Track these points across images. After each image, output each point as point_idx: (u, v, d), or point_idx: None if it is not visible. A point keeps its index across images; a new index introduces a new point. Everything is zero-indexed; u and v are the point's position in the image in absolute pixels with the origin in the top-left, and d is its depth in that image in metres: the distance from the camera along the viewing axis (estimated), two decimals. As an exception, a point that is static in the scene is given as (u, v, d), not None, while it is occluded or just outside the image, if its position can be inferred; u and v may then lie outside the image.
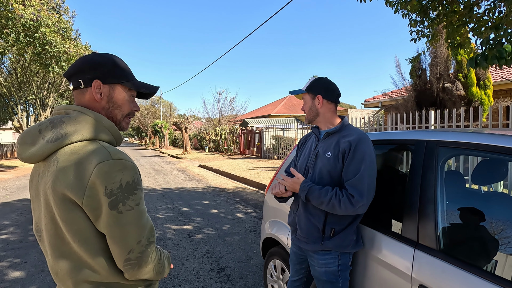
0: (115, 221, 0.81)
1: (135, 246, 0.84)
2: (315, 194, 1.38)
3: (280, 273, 2.19)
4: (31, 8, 9.83)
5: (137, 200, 0.84)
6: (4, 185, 9.32)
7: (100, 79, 0.90)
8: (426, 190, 1.32)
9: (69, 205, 0.81)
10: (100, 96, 0.91)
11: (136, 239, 0.84)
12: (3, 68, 17.74)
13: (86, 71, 0.90)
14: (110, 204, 0.80)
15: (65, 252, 0.86)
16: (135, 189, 0.84)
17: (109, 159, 0.81)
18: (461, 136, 1.31)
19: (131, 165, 0.85)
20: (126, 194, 0.82)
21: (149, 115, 43.92)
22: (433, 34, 4.67)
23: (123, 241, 0.83)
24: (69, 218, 0.82)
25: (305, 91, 1.54)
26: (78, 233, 0.83)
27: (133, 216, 0.83)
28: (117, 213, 0.81)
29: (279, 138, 14.50)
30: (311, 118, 1.56)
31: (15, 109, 18.59)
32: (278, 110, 27.94)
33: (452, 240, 1.29)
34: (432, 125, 6.00)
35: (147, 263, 0.87)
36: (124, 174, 0.82)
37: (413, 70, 7.33)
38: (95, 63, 0.90)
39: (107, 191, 0.79)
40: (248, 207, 5.73)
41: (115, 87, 0.93)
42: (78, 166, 0.80)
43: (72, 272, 0.86)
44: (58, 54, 11.31)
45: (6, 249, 3.83)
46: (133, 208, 0.83)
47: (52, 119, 0.87)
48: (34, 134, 0.86)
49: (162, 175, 10.63)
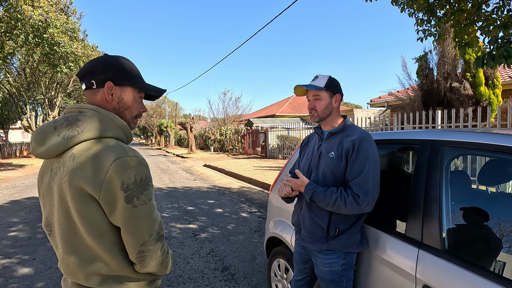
0: (130, 214, 0.86)
1: (148, 238, 0.89)
2: (320, 197, 1.38)
3: (284, 272, 2.19)
4: (39, 9, 9.99)
5: (150, 195, 0.89)
6: (13, 183, 9.50)
7: (112, 80, 0.94)
8: (430, 190, 1.32)
9: (86, 199, 0.84)
10: (112, 97, 0.95)
11: (148, 232, 0.89)
12: (13, 69, 18.06)
13: (98, 72, 0.93)
14: (126, 198, 0.84)
15: (77, 245, 0.89)
16: (147, 185, 0.89)
17: (124, 155, 0.86)
18: (466, 136, 1.30)
19: (144, 162, 0.90)
20: (140, 189, 0.86)
21: (155, 115, 44.25)
22: (440, 33, 4.63)
23: (136, 234, 0.87)
24: (85, 211, 0.85)
25: (324, 88, 1.48)
26: (93, 226, 0.86)
27: (146, 210, 0.88)
28: (132, 207, 0.85)
29: (284, 138, 14.49)
30: (324, 116, 1.51)
31: (24, 109, 18.92)
32: (283, 110, 27.89)
33: (457, 241, 1.28)
34: (439, 125, 5.93)
35: (157, 256, 0.92)
36: (138, 170, 0.87)
37: (420, 69, 7.25)
38: (108, 65, 0.94)
39: (124, 185, 0.84)
40: (253, 207, 5.74)
41: (126, 89, 0.96)
42: (95, 162, 0.84)
43: (84, 265, 0.89)
44: (66, 54, 11.47)
45: (15, 246, 3.90)
46: (146, 202, 0.88)
47: (67, 117, 0.91)
48: (49, 130, 0.89)
49: (168, 174, 10.71)
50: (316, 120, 1.54)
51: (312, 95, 1.52)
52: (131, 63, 1.00)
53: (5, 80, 17.05)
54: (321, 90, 1.49)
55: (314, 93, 1.51)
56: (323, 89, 1.48)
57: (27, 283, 2.94)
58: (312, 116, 1.53)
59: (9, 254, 3.65)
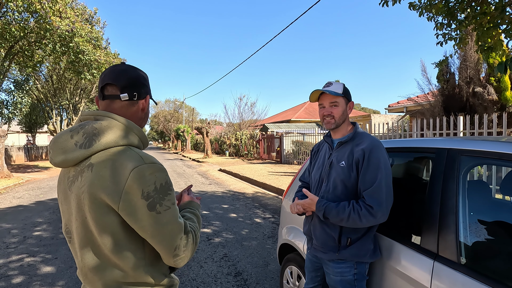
0: (156, 221, 0.85)
1: (179, 242, 0.89)
2: (333, 213, 1.35)
3: (297, 280, 2.17)
4: (67, 20, 10.56)
5: (172, 199, 0.89)
6: (39, 185, 9.97)
7: (149, 93, 1.02)
8: (447, 201, 1.28)
9: (105, 210, 0.84)
10: (143, 110, 1.01)
11: (178, 236, 0.89)
12: (41, 76, 19.08)
13: (139, 86, 0.98)
14: (149, 206, 0.84)
15: (95, 254, 0.90)
16: (168, 189, 0.89)
17: (142, 163, 0.86)
18: (485, 145, 1.26)
19: (162, 167, 0.90)
20: (161, 196, 0.86)
21: (172, 120, 45.22)
22: (461, 36, 4.49)
23: (167, 240, 0.87)
24: (103, 222, 0.85)
25: (342, 94, 1.47)
26: (111, 236, 0.87)
27: (171, 214, 0.88)
28: (156, 214, 0.85)
29: (299, 143, 14.39)
30: (339, 122, 1.49)
31: (51, 114, 19.90)
32: (298, 115, 27.75)
33: (476, 254, 1.24)
34: (461, 131, 5.71)
35: (193, 250, 0.95)
36: (157, 176, 0.87)
37: (441, 74, 7.03)
38: (143, 78, 1.00)
39: (144, 194, 0.84)
40: (267, 212, 5.73)
41: (147, 99, 1.02)
42: (113, 172, 0.84)
43: (101, 273, 0.90)
44: (90, 62, 12.02)
45: (39, 245, 4.09)
46: (169, 207, 0.88)
47: (82, 125, 0.90)
48: (66, 139, 0.89)
49: (184, 178, 10.88)
50: (332, 128, 1.50)
51: (329, 101, 1.47)
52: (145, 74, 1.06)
53: (34, 87, 18.03)
54: (339, 96, 1.47)
55: (331, 100, 1.47)
56: (341, 95, 1.47)
57: (49, 281, 3.07)
58: (328, 123, 1.49)
59: (33, 252, 3.83)
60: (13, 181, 10.45)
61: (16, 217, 5.65)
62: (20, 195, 8.18)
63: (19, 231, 4.75)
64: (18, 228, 4.91)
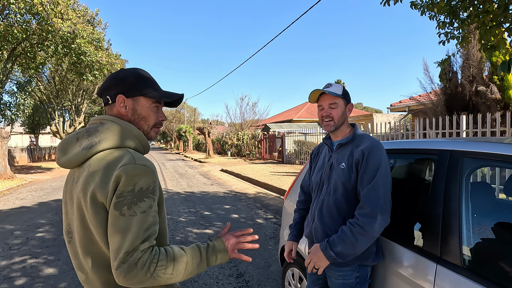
0: (116, 222, 0.82)
1: (122, 255, 0.80)
2: (338, 243, 1.30)
3: (298, 282, 2.16)
4: (68, 22, 10.60)
5: (144, 207, 0.84)
6: (41, 186, 10.02)
7: (124, 93, 0.96)
8: (449, 203, 1.26)
9: (98, 207, 0.85)
10: (125, 110, 0.97)
11: (125, 248, 0.80)
12: (43, 77, 19.19)
13: (112, 88, 0.97)
14: (115, 205, 0.82)
15: (93, 253, 0.90)
16: (146, 196, 0.85)
17: (132, 163, 0.86)
18: (487, 147, 1.24)
19: (151, 172, 0.88)
20: (135, 199, 0.83)
21: (174, 120, 45.31)
22: (464, 35, 4.45)
23: (116, 244, 0.81)
24: (97, 219, 0.86)
25: (342, 95, 1.45)
26: (104, 234, 0.86)
27: (133, 222, 0.82)
28: (119, 215, 0.82)
29: (301, 143, 14.37)
30: (339, 124, 1.47)
31: (53, 115, 20.01)
32: (300, 115, 27.72)
33: (480, 257, 1.22)
34: (464, 130, 5.67)
35: (131, 274, 0.80)
36: (141, 179, 0.85)
37: (443, 73, 6.99)
38: (119, 79, 0.97)
39: (118, 192, 0.83)
40: (269, 213, 5.72)
41: (138, 100, 0.97)
42: (105, 170, 0.86)
43: (100, 273, 0.90)
44: (92, 63, 12.06)
45: (42, 247, 4.10)
46: (136, 214, 0.82)
47: (88, 128, 0.95)
48: (72, 141, 0.94)
49: (186, 179, 10.90)
50: (331, 129, 1.48)
51: (329, 102, 1.45)
52: (144, 73, 1.00)
53: (36, 88, 18.13)
54: (338, 97, 1.45)
55: (330, 101, 1.45)
56: (340, 96, 1.45)
57: (51, 283, 3.07)
58: (327, 125, 1.47)
59: (36, 254, 3.84)
60: (16, 182, 10.50)
61: (19, 219, 5.68)
62: (23, 196, 8.22)
63: (22, 233, 4.77)
64: (21, 230, 4.93)
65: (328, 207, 1.44)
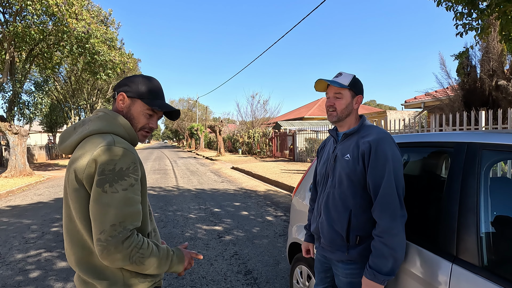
0: (98, 198, 0.87)
1: (108, 228, 0.86)
2: (379, 262, 1.23)
3: (306, 280, 2.11)
4: (83, 22, 10.83)
5: (125, 185, 0.90)
6: (58, 182, 10.32)
7: (126, 92, 1.07)
8: (466, 199, 1.18)
9: (77, 185, 0.92)
10: (122, 106, 1.07)
11: (110, 222, 0.86)
12: (60, 77, 19.75)
13: (122, 86, 1.09)
14: (97, 182, 0.88)
15: (71, 230, 0.97)
16: (127, 175, 0.91)
17: (112, 145, 0.92)
18: (508, 138, 1.15)
19: (131, 154, 0.94)
20: (116, 178, 0.89)
21: (186, 119, 45.82)
22: (483, 26, 4.24)
23: (98, 220, 0.87)
24: (75, 194, 0.92)
25: (348, 86, 1.39)
26: (81, 211, 0.92)
27: (116, 199, 0.88)
28: (102, 192, 0.87)
29: (312, 140, 14.21)
30: (343, 116, 1.41)
31: (69, 114, 20.60)
32: (312, 112, 27.43)
33: (499, 256, 1.13)
34: (483, 127, 5.43)
35: (117, 250, 0.86)
36: (120, 160, 0.91)
37: (461, 67, 6.72)
38: (130, 80, 1.09)
39: (99, 169, 0.88)
40: (279, 210, 5.67)
41: (136, 101, 1.07)
42: (87, 149, 0.94)
43: (75, 249, 0.96)
44: (105, 62, 12.30)
45: (56, 241, 4.21)
46: (118, 191, 0.88)
47: (85, 119, 1.07)
48: (70, 130, 1.06)
49: (197, 176, 10.98)
50: (333, 120, 1.43)
51: (334, 92, 1.40)
52: (153, 84, 1.10)
53: (53, 88, 18.68)
54: (343, 88, 1.39)
55: (335, 90, 1.40)
56: (346, 87, 1.38)
57: (64, 276, 3.14)
58: (330, 115, 1.43)
59: (50, 248, 3.94)
60: (35, 179, 10.87)
61: (36, 214, 5.86)
62: (41, 192, 8.49)
63: (38, 227, 4.91)
64: (38, 224, 5.08)
65: (333, 201, 1.38)
